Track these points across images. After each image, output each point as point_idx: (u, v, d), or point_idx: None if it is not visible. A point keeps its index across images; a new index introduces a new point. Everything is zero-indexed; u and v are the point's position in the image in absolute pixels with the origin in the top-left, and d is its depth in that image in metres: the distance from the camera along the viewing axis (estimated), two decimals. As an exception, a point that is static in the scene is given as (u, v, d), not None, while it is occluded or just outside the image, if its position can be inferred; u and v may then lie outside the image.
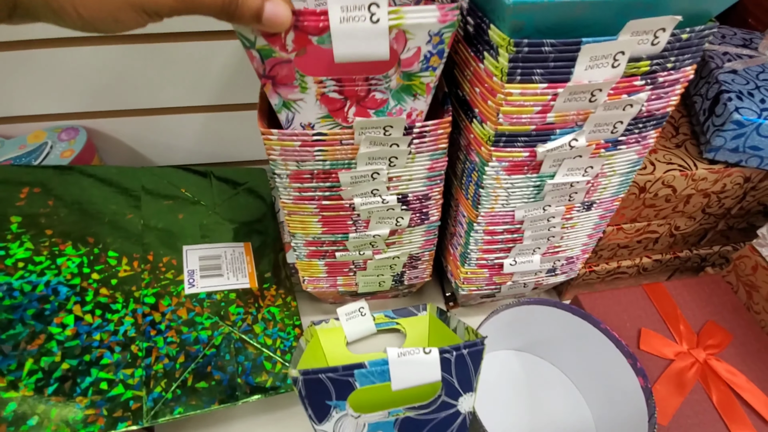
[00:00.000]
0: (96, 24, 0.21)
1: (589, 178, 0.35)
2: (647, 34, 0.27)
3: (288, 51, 0.27)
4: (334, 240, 0.40)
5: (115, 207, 0.45)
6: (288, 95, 0.29)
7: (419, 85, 0.30)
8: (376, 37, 0.26)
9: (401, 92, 0.30)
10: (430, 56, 0.28)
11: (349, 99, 0.30)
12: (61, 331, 0.37)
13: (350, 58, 0.26)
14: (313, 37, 0.26)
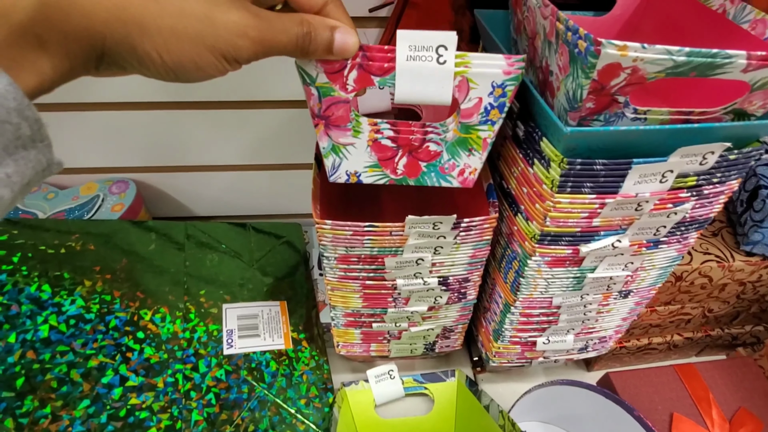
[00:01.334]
0: (179, 71, 0.21)
1: (628, 273, 0.36)
2: (696, 156, 0.28)
3: (348, 91, 0.27)
4: (372, 313, 0.41)
5: (161, 263, 0.47)
6: (339, 138, 0.29)
7: (476, 140, 0.29)
8: (441, 79, 0.25)
9: (457, 146, 0.29)
10: (490, 109, 0.27)
11: (402, 148, 0.29)
12: (107, 392, 0.38)
13: (411, 99, 0.26)
14: (376, 77, 0.26)
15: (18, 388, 0.37)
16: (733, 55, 0.23)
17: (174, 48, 0.20)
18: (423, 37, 0.24)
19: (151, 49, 0.19)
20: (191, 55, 0.20)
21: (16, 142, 0.17)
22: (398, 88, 0.26)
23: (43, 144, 0.19)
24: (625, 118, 0.27)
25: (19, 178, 0.18)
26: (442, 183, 0.30)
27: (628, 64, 0.23)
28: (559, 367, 0.53)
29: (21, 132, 0.17)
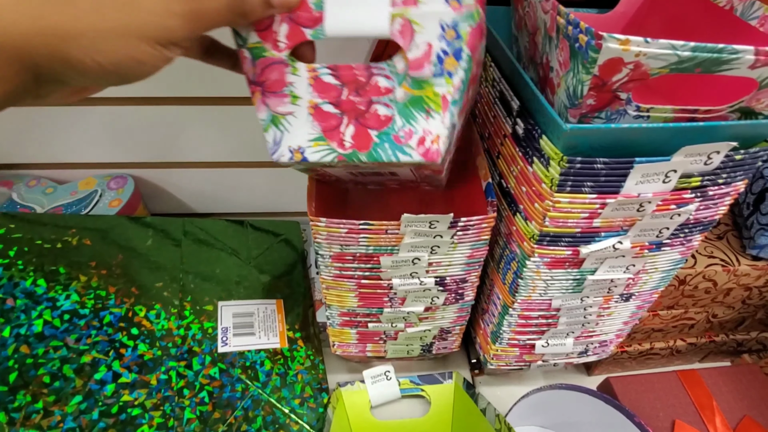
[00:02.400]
0: (120, 71, 0.19)
1: (630, 275, 0.35)
2: (701, 156, 0.27)
3: (280, 49, 0.24)
4: (368, 313, 0.40)
5: (157, 260, 0.47)
6: (277, 107, 0.25)
7: (432, 98, 0.24)
8: (378, 7, 0.22)
9: (410, 107, 0.24)
10: (444, 57, 0.23)
11: (346, 114, 0.25)
12: (100, 389, 0.38)
13: (344, 31, 0.23)
14: (308, 30, 0.23)
15: (11, 382, 0.37)
16: (740, 50, 0.22)
17: (104, 47, 0.18)
18: None
19: (83, 55, 0.18)
20: (125, 51, 0.19)
21: None
22: (327, 18, 0.23)
23: None
24: (627, 116, 0.26)
25: None
26: (399, 157, 0.24)
27: (630, 59, 0.23)
28: (559, 370, 0.52)
29: None
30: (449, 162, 0.33)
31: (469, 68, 0.24)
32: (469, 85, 0.26)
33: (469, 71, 0.24)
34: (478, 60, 0.26)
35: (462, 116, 0.29)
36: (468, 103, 0.30)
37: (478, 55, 0.26)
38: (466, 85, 0.24)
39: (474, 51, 0.24)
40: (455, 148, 0.33)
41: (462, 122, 0.33)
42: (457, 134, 0.32)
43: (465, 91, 0.25)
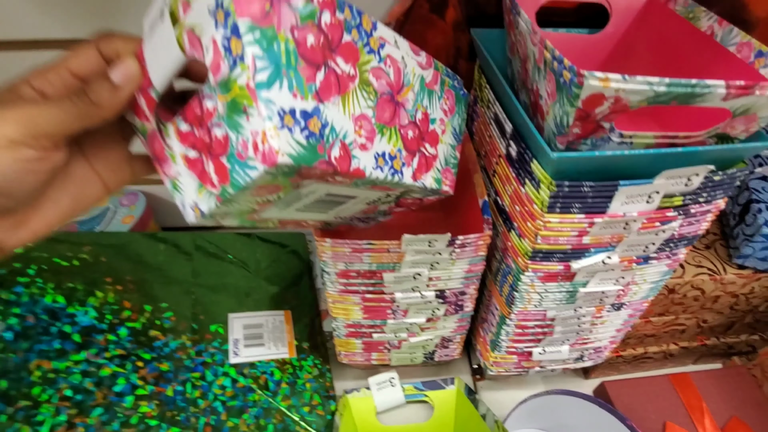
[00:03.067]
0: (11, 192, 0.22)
1: (620, 287, 0.37)
2: (681, 178, 0.29)
3: (148, 120, 0.25)
4: (373, 324, 0.42)
5: (169, 273, 0.49)
6: (169, 171, 0.26)
7: (241, 93, 0.21)
8: (166, 36, 0.23)
9: (232, 115, 0.22)
10: (228, 43, 0.21)
11: (202, 152, 0.24)
12: (119, 401, 0.40)
13: (163, 79, 0.24)
14: (152, 91, 0.24)
15: (35, 396, 0.39)
16: (711, 86, 0.24)
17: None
18: (153, 4, 0.23)
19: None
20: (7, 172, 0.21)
21: None
22: (150, 74, 0.24)
23: None
24: (611, 142, 0.28)
25: None
26: (249, 174, 0.22)
27: (610, 94, 0.25)
28: (557, 375, 0.54)
29: None
30: (433, 161, 0.32)
31: (270, 37, 0.21)
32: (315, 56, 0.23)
33: (274, 40, 0.21)
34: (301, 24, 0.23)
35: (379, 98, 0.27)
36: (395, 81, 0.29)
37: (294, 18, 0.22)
38: (278, 58, 0.21)
39: (263, 17, 0.21)
40: (444, 143, 0.33)
41: (428, 106, 0.32)
42: (417, 123, 0.31)
43: (291, 66, 0.22)
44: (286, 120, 0.21)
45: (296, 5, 0.22)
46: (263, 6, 0.20)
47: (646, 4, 0.38)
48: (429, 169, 0.31)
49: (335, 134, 0.24)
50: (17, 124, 0.22)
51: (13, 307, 0.42)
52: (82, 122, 0.23)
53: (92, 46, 0.25)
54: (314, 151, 0.22)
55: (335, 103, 0.24)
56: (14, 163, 0.22)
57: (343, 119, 0.24)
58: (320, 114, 0.23)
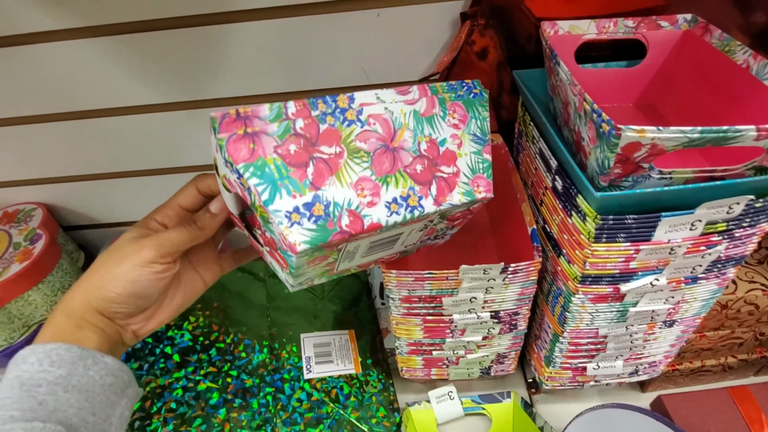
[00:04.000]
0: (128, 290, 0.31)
1: (670, 306, 0.39)
2: (722, 208, 0.31)
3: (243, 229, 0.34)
4: (432, 343, 0.46)
5: (247, 298, 0.55)
6: (266, 259, 0.36)
7: (261, 211, 0.28)
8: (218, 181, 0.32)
9: (266, 224, 0.30)
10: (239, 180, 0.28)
11: (271, 247, 0.33)
12: (214, 412, 0.46)
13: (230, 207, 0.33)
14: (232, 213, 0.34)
15: (147, 409, 0.46)
16: (742, 130, 0.27)
17: (115, 282, 0.31)
18: None
19: (108, 292, 0.31)
20: (123, 278, 0.31)
21: (123, 385, 0.31)
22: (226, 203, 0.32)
23: (133, 382, 0.32)
24: (651, 179, 0.31)
25: (129, 404, 0.31)
26: (291, 259, 0.30)
27: (647, 142, 0.28)
28: (613, 388, 0.56)
29: (124, 379, 0.31)
30: (456, 178, 0.34)
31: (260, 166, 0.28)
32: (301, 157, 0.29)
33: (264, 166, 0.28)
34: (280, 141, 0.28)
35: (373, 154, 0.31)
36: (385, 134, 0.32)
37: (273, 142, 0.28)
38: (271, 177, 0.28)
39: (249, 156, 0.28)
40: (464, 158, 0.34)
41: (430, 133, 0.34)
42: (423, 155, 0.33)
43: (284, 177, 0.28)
44: (293, 217, 0.28)
45: (272, 131, 0.28)
46: (248, 147, 0.28)
47: (683, 37, 0.40)
48: (452, 188, 0.33)
49: (339, 207, 0.29)
50: (152, 249, 0.31)
51: (125, 332, 0.50)
52: (193, 241, 0.33)
53: (192, 185, 0.34)
54: (325, 229, 0.28)
55: (331, 183, 0.29)
56: (150, 275, 0.31)
57: (342, 192, 0.29)
58: (320, 198, 0.29)
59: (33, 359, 0.27)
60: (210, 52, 0.48)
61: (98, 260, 0.32)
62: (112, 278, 0.31)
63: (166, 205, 0.34)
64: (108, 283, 0.31)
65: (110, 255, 0.32)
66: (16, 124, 0.54)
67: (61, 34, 0.46)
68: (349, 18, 0.45)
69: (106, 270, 0.31)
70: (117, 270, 0.31)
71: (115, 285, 0.31)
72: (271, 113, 0.28)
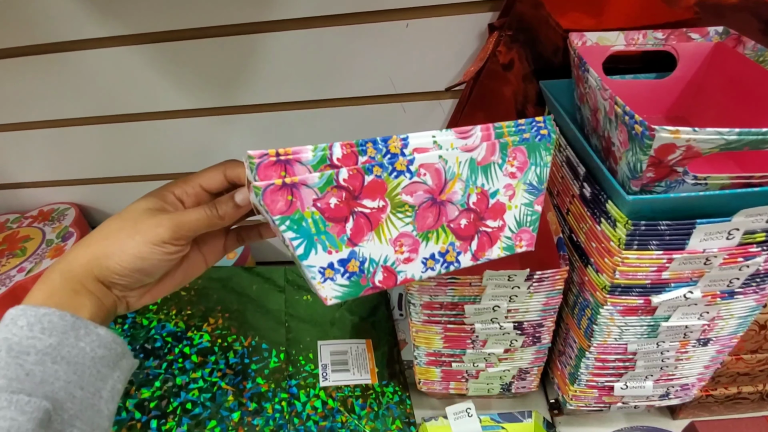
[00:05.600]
0: (135, 265, 0.29)
1: (704, 322, 0.37)
2: (762, 216, 0.30)
3: None
4: (452, 353, 0.45)
5: (266, 304, 0.55)
6: None
7: (298, 263, 0.28)
8: None
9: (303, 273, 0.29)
10: (276, 228, 0.27)
11: None
12: (228, 415, 0.46)
13: None
14: None
15: (163, 408, 0.46)
16: (783, 132, 0.26)
17: (123, 256, 0.29)
18: None
19: (114, 264, 0.29)
20: (132, 252, 0.29)
21: (116, 358, 0.29)
22: None
23: (127, 354, 0.30)
24: (686, 184, 0.30)
25: (122, 377, 0.30)
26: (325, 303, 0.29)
27: (681, 143, 0.27)
28: (641, 413, 0.53)
29: (117, 351, 0.29)
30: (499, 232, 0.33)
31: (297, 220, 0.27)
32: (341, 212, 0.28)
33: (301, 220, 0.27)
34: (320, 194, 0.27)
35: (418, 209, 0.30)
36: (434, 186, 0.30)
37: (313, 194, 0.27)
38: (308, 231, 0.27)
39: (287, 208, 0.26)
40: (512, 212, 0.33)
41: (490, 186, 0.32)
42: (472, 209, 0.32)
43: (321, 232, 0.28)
44: (326, 273, 0.28)
45: (313, 182, 0.27)
46: (286, 199, 0.26)
47: (714, 48, 0.40)
48: (494, 243, 0.32)
49: (375, 264, 0.29)
50: (169, 229, 0.30)
51: (145, 330, 0.50)
52: (210, 228, 0.32)
53: (220, 169, 0.33)
54: (358, 285, 0.28)
55: (369, 239, 0.28)
56: (160, 255, 0.30)
57: (380, 248, 0.29)
58: (356, 255, 0.28)
59: (23, 322, 0.26)
60: (243, 61, 0.49)
61: (110, 225, 0.31)
62: (122, 250, 0.29)
63: (187, 182, 0.33)
64: (116, 254, 0.29)
65: (123, 223, 0.30)
66: (56, 126, 0.56)
67: (103, 41, 0.48)
68: (378, 29, 0.46)
69: (117, 239, 0.30)
70: (129, 243, 0.29)
71: (123, 258, 0.29)
72: (314, 158, 0.26)
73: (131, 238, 0.29)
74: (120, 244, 0.29)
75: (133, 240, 0.29)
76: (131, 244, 0.29)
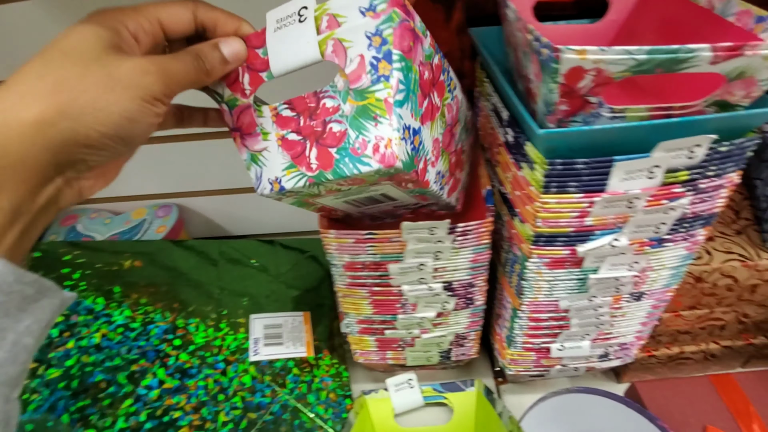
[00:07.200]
0: (120, 132, 0.22)
1: (635, 273, 0.35)
2: (682, 150, 0.28)
3: (247, 95, 0.28)
4: (383, 320, 0.42)
5: (197, 278, 0.52)
6: (254, 146, 0.29)
7: (376, 104, 0.25)
8: (304, 35, 0.25)
9: (359, 118, 0.25)
10: (377, 63, 0.25)
11: (308, 139, 0.27)
12: (147, 393, 0.43)
13: (286, 68, 0.26)
14: (263, 73, 0.27)
15: (73, 387, 0.42)
16: (695, 49, 0.24)
17: (101, 117, 0.21)
18: (286, 6, 0.25)
19: (88, 130, 0.21)
20: (118, 112, 0.21)
21: (25, 302, 0.20)
22: (271, 61, 0.26)
23: (50, 292, 0.21)
24: (602, 118, 0.28)
25: (37, 325, 0.21)
26: (360, 168, 0.25)
27: (590, 66, 0.25)
28: (585, 377, 0.51)
29: (25, 293, 0.20)
30: (458, 184, 0.37)
31: (409, 68, 0.25)
32: (426, 88, 0.28)
33: (410, 71, 0.26)
34: (424, 61, 0.27)
35: (446, 127, 0.32)
36: (455, 116, 0.33)
37: (422, 56, 0.27)
38: (410, 84, 0.26)
39: (408, 51, 0.25)
40: (464, 171, 0.38)
41: (463, 139, 0.37)
42: (457, 152, 0.35)
43: (414, 92, 0.26)
44: (405, 134, 0.26)
45: (425, 46, 0.28)
46: (410, 42, 0.26)
47: (645, -14, 0.38)
48: (455, 190, 0.36)
49: (424, 151, 0.29)
50: (159, 80, 0.22)
51: (59, 307, 0.46)
52: (193, 85, 0.25)
53: (188, 6, 0.25)
54: (412, 162, 0.27)
55: (427, 127, 0.29)
56: (150, 117, 0.23)
57: (428, 140, 0.29)
58: (420, 133, 0.28)
59: None
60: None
61: (55, 67, 0.20)
62: (101, 108, 0.21)
63: (140, 12, 0.24)
64: (91, 115, 0.20)
65: (81, 65, 0.21)
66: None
67: None
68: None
69: (84, 91, 0.20)
70: (108, 97, 0.21)
71: (104, 119, 0.21)
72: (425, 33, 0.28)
73: (111, 90, 0.21)
74: (95, 101, 0.21)
75: (113, 93, 0.21)
76: (113, 99, 0.21)
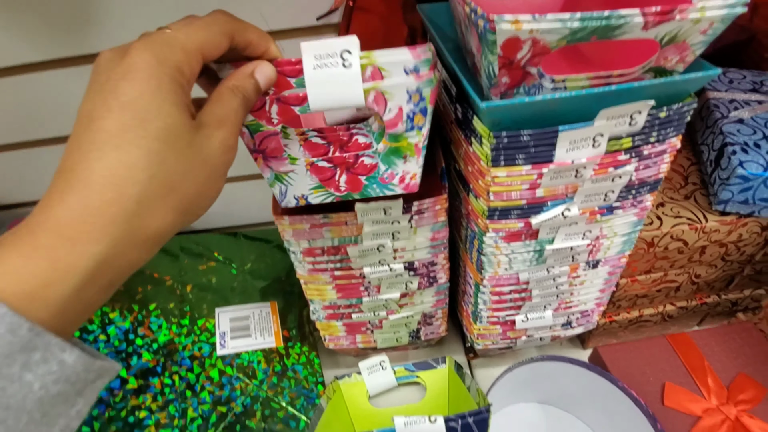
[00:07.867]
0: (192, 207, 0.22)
1: (588, 241, 0.36)
2: (623, 118, 0.28)
3: (274, 124, 0.28)
4: (349, 304, 0.42)
5: (158, 273, 0.51)
6: (279, 168, 0.30)
7: (407, 147, 0.29)
8: (349, 82, 0.26)
9: (390, 155, 0.30)
10: (413, 115, 0.28)
11: (339, 167, 0.30)
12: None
13: (325, 105, 0.27)
14: (296, 107, 0.27)
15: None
16: (627, 15, 0.24)
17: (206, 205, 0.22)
18: (326, 45, 0.25)
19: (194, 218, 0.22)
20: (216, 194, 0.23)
21: (84, 385, 0.19)
22: (311, 97, 0.26)
23: (108, 372, 0.20)
24: (544, 89, 0.28)
25: (87, 407, 0.20)
26: (385, 192, 0.32)
27: (525, 36, 0.24)
28: (552, 346, 0.53)
29: (88, 379, 0.19)
30: None
31: (431, 115, 0.29)
32: None
33: (431, 116, 0.29)
34: None
35: None
36: None
37: None
38: (429, 127, 0.29)
39: (434, 103, 0.29)
40: None
41: None
42: None
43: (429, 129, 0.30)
44: (421, 168, 0.31)
45: None
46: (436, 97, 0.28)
47: (587, -45, 0.38)
48: None
49: None
50: (233, 144, 0.23)
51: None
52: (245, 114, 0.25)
53: (225, 32, 0.23)
54: None
55: None
56: None
57: None
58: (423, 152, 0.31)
59: None
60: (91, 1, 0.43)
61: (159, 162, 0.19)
62: (207, 197, 0.21)
63: (187, 51, 0.21)
64: (201, 207, 0.21)
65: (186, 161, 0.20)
66: None
67: None
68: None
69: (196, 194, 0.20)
70: (211, 187, 0.21)
71: (207, 205, 0.21)
72: None
73: (214, 181, 0.21)
74: (201, 195, 0.21)
75: (216, 183, 0.21)
76: (214, 186, 0.21)
